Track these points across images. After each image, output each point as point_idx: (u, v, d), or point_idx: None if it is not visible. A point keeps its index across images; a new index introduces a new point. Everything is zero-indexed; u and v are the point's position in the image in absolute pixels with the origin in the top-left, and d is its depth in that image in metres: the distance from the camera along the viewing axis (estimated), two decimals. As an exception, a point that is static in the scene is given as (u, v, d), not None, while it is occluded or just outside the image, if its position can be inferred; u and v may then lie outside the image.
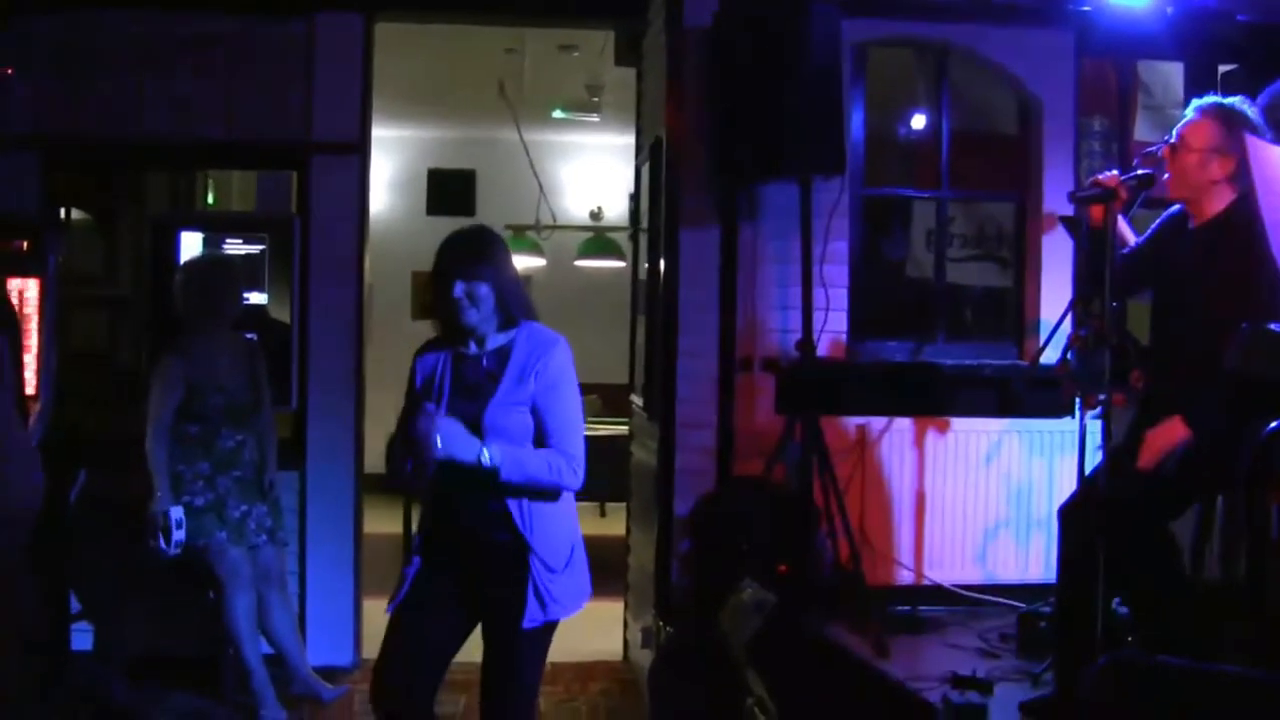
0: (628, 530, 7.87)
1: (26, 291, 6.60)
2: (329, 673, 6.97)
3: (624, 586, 7.87)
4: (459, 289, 4.37)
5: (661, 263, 6.81)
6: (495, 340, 4.51)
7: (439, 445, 4.21)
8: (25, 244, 6.66)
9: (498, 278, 4.43)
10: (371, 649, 5.20)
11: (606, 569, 8.61)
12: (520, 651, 4.44)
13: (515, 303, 4.49)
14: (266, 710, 6.41)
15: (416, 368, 4.59)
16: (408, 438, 4.30)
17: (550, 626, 4.48)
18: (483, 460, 4.27)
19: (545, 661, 4.57)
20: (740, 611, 4.55)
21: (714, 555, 5.93)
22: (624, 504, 8.36)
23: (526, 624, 4.37)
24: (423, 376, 4.55)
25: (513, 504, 4.39)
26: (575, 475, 4.44)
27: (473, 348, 4.51)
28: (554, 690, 7.12)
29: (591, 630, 8.07)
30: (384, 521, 9.08)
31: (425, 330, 4.70)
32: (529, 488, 4.37)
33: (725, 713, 4.77)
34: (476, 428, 4.34)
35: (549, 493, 4.43)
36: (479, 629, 4.58)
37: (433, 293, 4.48)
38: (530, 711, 4.56)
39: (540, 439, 4.43)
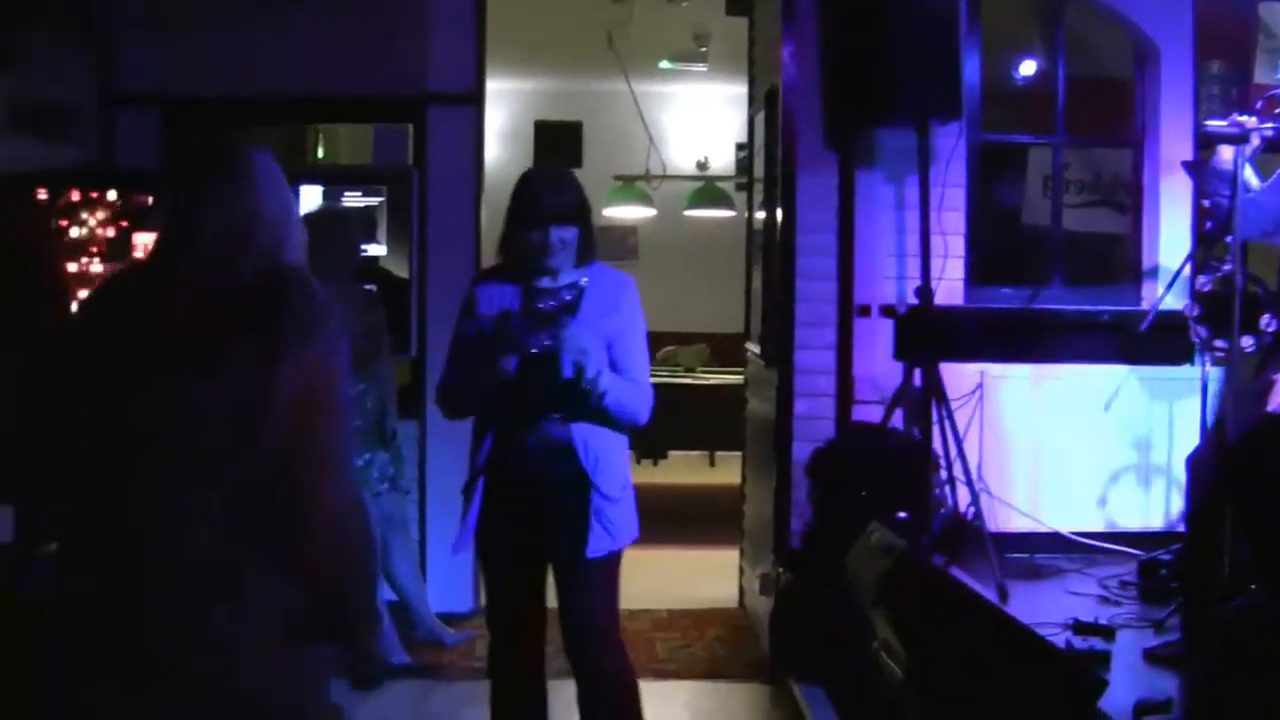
0: (743, 479, 7.90)
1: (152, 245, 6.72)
2: (450, 618, 7.08)
3: (739, 534, 7.90)
4: (553, 235, 4.37)
5: (778, 211, 6.81)
6: (568, 275, 4.49)
7: (580, 346, 4.23)
8: (150, 199, 6.80)
9: (585, 222, 4.45)
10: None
11: (720, 518, 8.73)
12: (591, 581, 4.46)
13: (591, 243, 4.50)
14: (391, 654, 6.53)
15: (479, 295, 4.51)
16: (498, 340, 4.31)
17: (615, 557, 4.48)
18: (600, 377, 4.25)
19: (619, 593, 4.57)
20: (868, 554, 4.57)
21: (834, 501, 5.95)
22: (733, 453, 8.38)
23: (591, 553, 4.38)
24: (488, 306, 4.47)
25: (577, 438, 4.36)
26: (649, 411, 4.48)
27: (545, 281, 4.48)
28: (671, 636, 7.20)
29: (707, 578, 8.21)
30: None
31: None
32: (613, 415, 4.36)
33: (850, 656, 4.80)
34: (555, 360, 4.30)
35: (616, 425, 4.42)
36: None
37: (512, 230, 4.46)
38: (613, 640, 4.57)
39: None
